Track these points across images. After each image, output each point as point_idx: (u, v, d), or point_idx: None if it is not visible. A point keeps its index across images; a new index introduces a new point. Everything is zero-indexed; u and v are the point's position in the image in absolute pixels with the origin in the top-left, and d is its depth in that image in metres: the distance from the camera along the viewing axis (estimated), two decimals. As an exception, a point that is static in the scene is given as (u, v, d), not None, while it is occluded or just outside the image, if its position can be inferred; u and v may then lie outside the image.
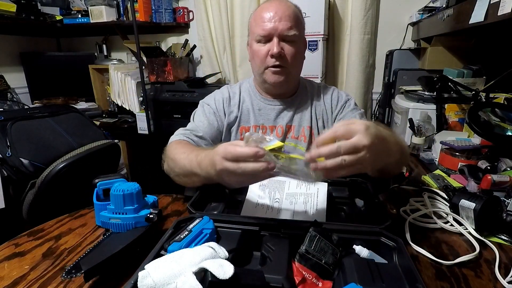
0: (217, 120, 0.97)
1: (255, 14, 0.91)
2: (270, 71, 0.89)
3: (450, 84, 1.32)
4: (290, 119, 0.97)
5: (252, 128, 0.97)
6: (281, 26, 0.85)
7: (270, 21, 0.85)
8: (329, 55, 2.00)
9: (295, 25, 0.87)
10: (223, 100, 0.98)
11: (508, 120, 1.06)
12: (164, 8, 2.07)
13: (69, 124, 1.50)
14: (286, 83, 0.92)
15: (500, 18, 0.85)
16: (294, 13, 0.88)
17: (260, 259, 0.54)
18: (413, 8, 1.80)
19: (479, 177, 0.87)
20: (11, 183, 1.24)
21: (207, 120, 0.96)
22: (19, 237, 0.70)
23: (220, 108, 0.98)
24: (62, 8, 2.17)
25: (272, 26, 0.85)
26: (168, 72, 1.94)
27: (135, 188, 0.66)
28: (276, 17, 0.85)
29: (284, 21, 0.85)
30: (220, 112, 0.97)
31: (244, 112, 0.98)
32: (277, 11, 0.85)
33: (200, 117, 0.97)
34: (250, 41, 0.93)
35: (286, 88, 0.95)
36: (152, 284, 0.40)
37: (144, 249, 0.56)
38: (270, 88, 0.95)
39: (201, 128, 0.94)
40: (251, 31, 0.92)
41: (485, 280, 0.55)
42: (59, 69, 2.31)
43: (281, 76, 0.89)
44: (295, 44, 0.88)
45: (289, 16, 0.86)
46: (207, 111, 0.98)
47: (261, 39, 0.87)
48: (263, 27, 0.86)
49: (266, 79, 0.91)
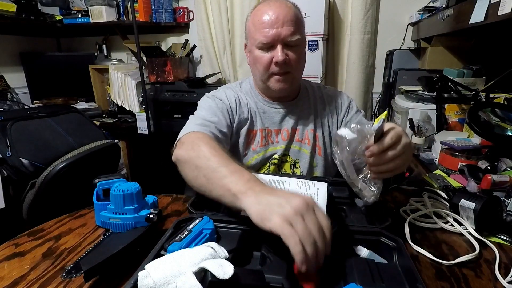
0: (230, 118, 0.90)
1: (254, 18, 0.86)
2: (274, 79, 0.86)
3: (450, 84, 1.31)
4: (295, 122, 0.95)
5: (259, 132, 0.94)
6: (284, 32, 0.81)
7: (272, 26, 0.81)
8: (329, 55, 2.00)
9: (298, 28, 0.83)
10: (235, 99, 0.94)
11: (508, 120, 1.06)
12: (164, 8, 2.07)
13: (69, 124, 1.50)
14: (291, 87, 0.91)
15: (500, 18, 0.85)
16: (295, 15, 0.84)
17: (260, 259, 0.54)
18: (413, 8, 1.79)
19: (479, 177, 0.87)
20: (11, 183, 1.24)
21: (223, 116, 0.88)
22: (19, 237, 0.70)
23: (233, 106, 0.92)
24: (62, 8, 2.17)
25: (275, 33, 0.81)
26: (168, 72, 1.94)
27: (135, 188, 0.66)
28: (278, 22, 0.80)
29: (287, 26, 0.81)
30: (233, 110, 0.92)
31: (253, 115, 0.95)
32: (278, 15, 0.81)
33: (215, 111, 0.88)
34: (250, 46, 0.89)
35: (290, 92, 0.94)
36: (152, 284, 0.40)
37: (144, 249, 0.56)
38: (274, 93, 0.93)
39: (223, 124, 0.86)
40: (251, 36, 0.87)
41: (485, 280, 0.55)
42: (59, 69, 2.31)
43: (286, 83, 0.87)
44: (299, 48, 0.85)
45: (291, 20, 0.81)
46: (221, 106, 0.91)
47: (263, 46, 0.83)
48: (265, 34, 0.81)
49: (270, 86, 0.88)
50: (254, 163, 0.95)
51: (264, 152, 0.95)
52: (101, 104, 2.30)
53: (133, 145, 2.18)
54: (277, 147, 0.95)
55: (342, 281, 0.49)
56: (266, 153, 0.95)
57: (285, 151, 0.96)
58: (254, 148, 0.95)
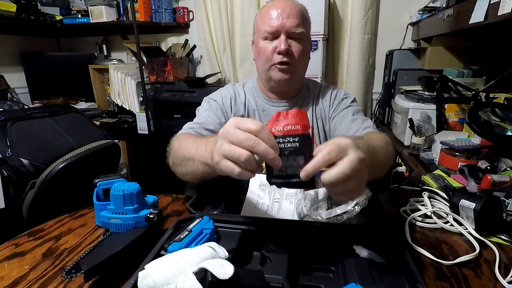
0: (224, 116, 0.95)
1: (262, 12, 0.91)
2: (276, 68, 0.88)
3: (450, 84, 1.31)
4: None
5: None
6: (288, 23, 0.84)
7: (278, 18, 0.85)
8: (329, 55, 2.00)
9: (303, 23, 0.87)
10: (230, 97, 0.97)
11: (508, 120, 1.06)
12: (164, 8, 2.07)
13: (69, 124, 1.50)
14: (292, 80, 0.91)
15: (500, 18, 0.85)
16: (301, 11, 0.88)
17: (260, 259, 0.54)
18: (413, 8, 1.80)
19: (479, 177, 0.87)
20: (11, 183, 1.24)
21: (215, 115, 0.94)
22: (19, 237, 0.70)
23: (227, 105, 0.96)
24: (62, 8, 2.18)
25: (280, 23, 0.85)
26: (168, 72, 1.94)
27: (135, 188, 0.66)
28: (284, 14, 0.85)
29: (292, 18, 0.85)
30: (227, 109, 0.96)
31: (250, 113, 0.97)
32: (284, 8, 0.85)
33: (207, 112, 0.95)
34: (256, 39, 0.92)
35: (291, 86, 0.94)
36: (152, 284, 0.40)
37: (144, 249, 0.56)
38: (275, 86, 0.94)
39: (210, 122, 0.92)
40: (258, 29, 0.91)
41: (485, 280, 0.55)
42: (59, 69, 2.31)
43: (287, 74, 0.89)
44: (302, 42, 0.88)
45: (296, 13, 0.86)
46: (214, 107, 0.96)
47: (268, 35, 0.87)
48: (271, 24, 0.85)
49: (271, 76, 0.90)
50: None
51: None
52: (101, 104, 2.30)
53: (133, 145, 2.18)
54: None
55: (342, 281, 0.49)
56: None
57: None
58: None
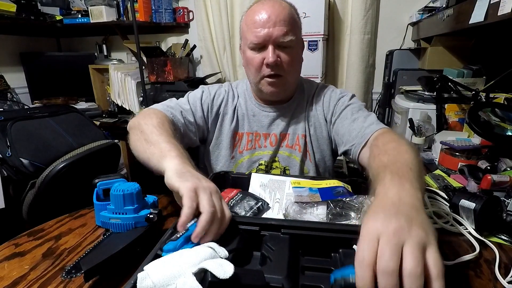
0: (208, 111, 0.93)
1: (247, 18, 0.83)
2: (266, 82, 0.85)
3: (450, 84, 1.31)
4: (284, 127, 0.92)
5: (245, 135, 0.94)
6: (276, 32, 0.78)
7: (264, 26, 0.78)
8: (329, 55, 2.00)
9: (291, 29, 0.80)
10: (223, 98, 0.95)
11: (508, 120, 1.06)
12: (164, 8, 2.07)
13: (69, 124, 1.50)
14: (284, 91, 0.89)
15: (500, 18, 0.85)
16: (290, 15, 0.81)
17: (260, 259, 0.54)
18: (413, 8, 1.80)
19: (479, 177, 0.87)
20: (11, 183, 1.24)
21: (200, 106, 0.91)
22: (19, 237, 0.70)
23: (216, 102, 0.94)
24: (62, 8, 2.17)
25: (266, 33, 0.78)
26: (168, 72, 1.94)
27: (135, 188, 0.66)
28: (270, 22, 0.78)
29: (279, 26, 0.78)
30: (215, 106, 0.93)
31: (239, 117, 0.95)
32: (270, 14, 0.78)
33: (197, 102, 0.92)
34: (243, 47, 0.87)
35: (283, 95, 0.92)
36: (152, 286, 0.40)
37: (144, 249, 0.56)
38: (266, 96, 0.91)
39: (193, 112, 0.90)
40: (243, 36, 0.85)
41: (485, 280, 0.55)
42: (59, 69, 2.31)
43: (277, 87, 0.85)
44: (292, 49, 0.83)
45: (284, 20, 0.79)
46: (205, 97, 0.93)
47: (255, 46, 0.81)
48: (256, 34, 0.79)
49: (262, 89, 0.87)
50: (241, 166, 0.94)
51: (250, 156, 0.93)
52: (101, 104, 2.30)
53: (133, 145, 2.18)
54: (264, 152, 0.93)
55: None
56: (252, 157, 0.93)
57: (273, 157, 0.94)
58: (241, 151, 0.94)
